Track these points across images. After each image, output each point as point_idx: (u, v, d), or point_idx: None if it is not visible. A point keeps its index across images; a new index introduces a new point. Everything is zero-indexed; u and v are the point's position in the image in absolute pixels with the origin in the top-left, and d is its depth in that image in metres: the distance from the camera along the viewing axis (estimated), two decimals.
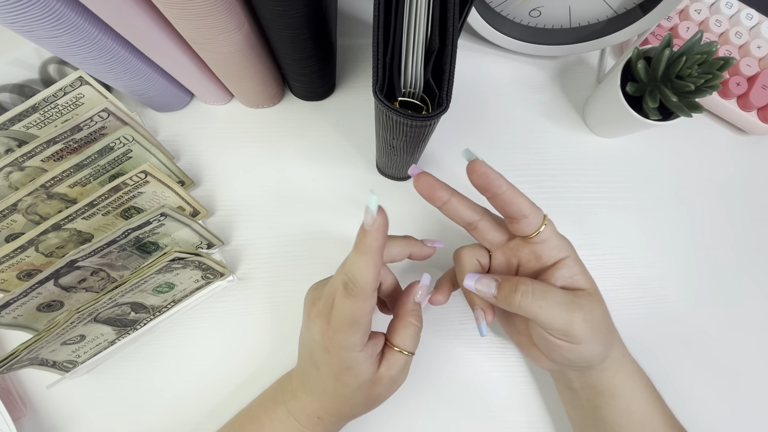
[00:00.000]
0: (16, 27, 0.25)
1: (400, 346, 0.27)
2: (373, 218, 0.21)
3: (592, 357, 0.28)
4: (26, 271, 0.32)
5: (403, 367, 0.28)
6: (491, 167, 0.26)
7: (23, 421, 0.35)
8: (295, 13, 0.27)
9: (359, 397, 0.27)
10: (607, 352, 0.28)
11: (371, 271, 0.22)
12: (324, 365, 0.26)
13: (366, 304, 0.24)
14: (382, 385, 0.27)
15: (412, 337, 0.28)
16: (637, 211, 0.40)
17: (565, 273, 0.28)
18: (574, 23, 0.38)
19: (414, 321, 0.28)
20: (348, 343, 0.25)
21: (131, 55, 0.31)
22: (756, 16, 0.40)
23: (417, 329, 0.28)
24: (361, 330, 0.25)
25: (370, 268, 0.22)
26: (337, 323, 0.25)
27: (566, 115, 0.42)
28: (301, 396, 0.29)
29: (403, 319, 0.28)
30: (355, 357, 0.25)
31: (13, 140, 0.34)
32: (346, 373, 0.26)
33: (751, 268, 0.39)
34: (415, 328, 0.28)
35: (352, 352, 0.25)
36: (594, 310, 0.27)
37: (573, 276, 0.28)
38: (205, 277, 0.35)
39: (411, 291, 0.29)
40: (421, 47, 0.23)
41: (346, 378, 0.26)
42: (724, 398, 0.36)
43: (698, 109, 0.32)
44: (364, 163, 0.40)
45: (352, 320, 0.24)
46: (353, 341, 0.25)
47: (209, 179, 0.39)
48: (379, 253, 0.22)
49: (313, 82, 0.37)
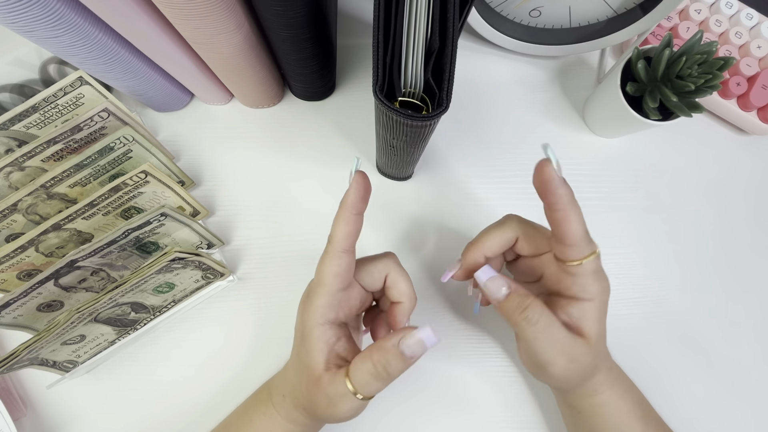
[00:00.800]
0: (16, 27, 0.25)
1: (349, 374, 0.23)
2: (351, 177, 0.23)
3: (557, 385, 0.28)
4: (26, 271, 0.32)
5: (342, 397, 0.23)
6: (560, 176, 0.23)
7: (23, 421, 0.35)
8: (295, 13, 0.27)
9: (303, 386, 0.25)
10: (577, 386, 0.28)
11: (342, 225, 0.24)
12: (296, 336, 0.26)
13: (335, 263, 0.24)
14: (318, 394, 0.24)
15: (365, 375, 0.23)
16: (637, 211, 0.40)
17: (574, 313, 0.25)
18: (574, 23, 0.38)
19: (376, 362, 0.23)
20: (313, 304, 0.25)
21: (131, 55, 0.31)
22: (756, 16, 0.40)
23: (375, 373, 0.23)
24: (326, 294, 0.24)
25: (341, 221, 0.24)
26: (311, 285, 0.25)
27: (566, 115, 0.42)
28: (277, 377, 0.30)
29: (369, 350, 0.23)
30: (312, 327, 0.25)
31: (13, 140, 0.34)
32: (302, 342, 0.25)
33: (751, 268, 0.39)
34: (372, 369, 0.23)
35: (313, 318, 0.25)
36: (582, 359, 0.26)
37: (581, 320, 0.25)
38: (205, 277, 0.35)
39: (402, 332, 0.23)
40: (421, 47, 0.23)
41: (300, 348, 0.25)
42: (724, 398, 0.36)
43: (698, 109, 0.32)
44: (365, 163, 0.40)
45: (319, 279, 0.24)
46: (318, 303, 0.24)
47: (209, 179, 0.39)
48: (352, 209, 0.24)
49: (313, 82, 0.37)
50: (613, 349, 0.37)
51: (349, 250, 0.24)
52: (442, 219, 0.39)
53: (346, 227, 0.24)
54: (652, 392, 0.36)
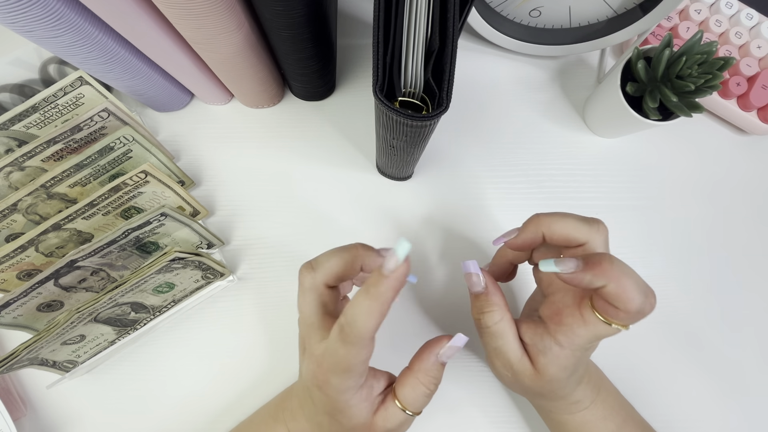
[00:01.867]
0: (16, 27, 0.25)
1: (403, 403, 0.25)
2: (397, 265, 0.19)
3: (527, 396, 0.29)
4: (26, 271, 0.32)
5: (401, 424, 0.25)
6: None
7: (23, 421, 0.35)
8: (295, 13, 0.27)
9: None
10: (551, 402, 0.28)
11: (375, 319, 0.20)
12: (318, 402, 0.25)
13: (362, 353, 0.21)
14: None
15: (420, 398, 0.25)
16: (636, 211, 0.40)
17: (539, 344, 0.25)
18: (574, 23, 0.38)
19: (426, 383, 0.25)
20: (341, 386, 0.23)
21: (131, 55, 0.31)
22: (756, 16, 0.40)
23: (428, 393, 0.25)
24: (355, 376, 0.23)
25: (375, 316, 0.20)
26: (330, 367, 0.23)
27: (566, 115, 0.42)
28: (300, 420, 0.28)
29: (415, 376, 0.25)
30: (348, 400, 0.24)
31: (13, 140, 0.34)
32: (339, 414, 0.25)
33: (752, 268, 0.39)
34: (425, 390, 0.25)
35: (345, 395, 0.24)
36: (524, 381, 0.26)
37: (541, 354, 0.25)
38: (205, 277, 0.35)
39: (436, 344, 0.25)
40: (421, 47, 0.23)
41: (339, 418, 0.25)
42: (724, 398, 0.36)
43: (698, 109, 0.32)
44: (364, 163, 0.40)
45: (345, 367, 0.22)
46: (346, 385, 0.23)
47: (209, 179, 0.39)
48: (388, 304, 0.20)
49: (313, 82, 0.37)
50: (613, 349, 0.37)
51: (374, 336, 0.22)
52: (442, 219, 0.39)
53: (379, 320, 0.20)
54: (653, 392, 0.36)
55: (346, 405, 0.24)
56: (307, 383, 0.25)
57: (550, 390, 0.26)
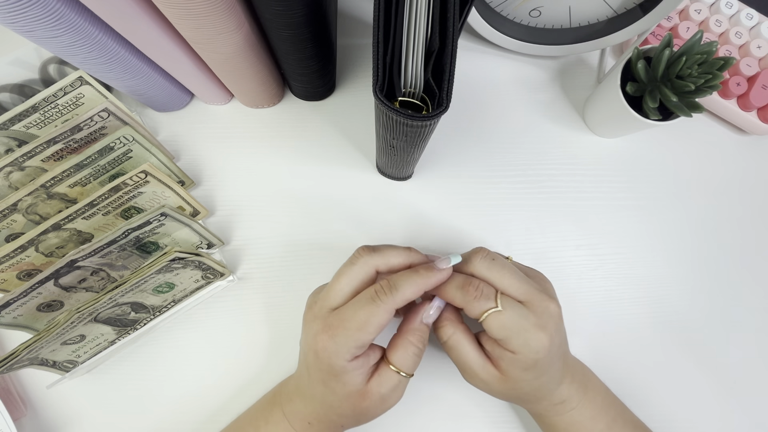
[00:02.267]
0: (16, 27, 0.25)
1: (396, 365, 0.26)
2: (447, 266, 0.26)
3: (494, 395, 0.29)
4: (26, 271, 0.32)
5: (395, 387, 0.27)
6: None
7: (23, 421, 0.35)
8: (295, 13, 0.27)
9: (346, 408, 0.27)
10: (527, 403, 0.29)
11: (414, 291, 0.25)
12: (314, 370, 0.26)
13: (383, 317, 0.24)
14: (370, 400, 0.26)
15: (411, 357, 0.27)
16: (637, 211, 0.40)
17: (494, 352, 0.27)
18: (574, 23, 0.38)
19: (415, 341, 0.27)
20: (345, 345, 0.24)
21: (131, 55, 0.31)
22: (756, 16, 0.40)
23: (418, 351, 0.27)
24: (364, 337, 0.24)
25: (415, 288, 0.25)
26: (344, 323, 0.25)
27: (566, 115, 0.42)
28: (295, 399, 0.29)
29: (404, 337, 0.27)
30: (344, 366, 0.25)
31: (13, 140, 0.34)
32: (334, 380, 0.26)
33: (752, 268, 0.39)
34: (415, 349, 0.27)
35: (341, 360, 0.25)
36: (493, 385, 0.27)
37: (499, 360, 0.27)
38: (205, 277, 0.35)
39: (420, 309, 0.28)
40: (421, 47, 0.23)
41: (334, 385, 0.26)
42: (724, 398, 0.36)
43: (698, 109, 0.32)
44: (364, 163, 0.40)
45: (361, 325, 0.24)
46: (350, 345, 0.24)
47: (209, 179, 0.39)
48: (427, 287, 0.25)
49: (313, 82, 0.37)
50: (613, 349, 0.37)
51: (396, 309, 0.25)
52: (442, 219, 0.39)
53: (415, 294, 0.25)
54: (653, 392, 0.36)
55: (343, 370, 0.25)
56: (306, 351, 0.27)
57: (527, 392, 0.27)
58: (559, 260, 0.39)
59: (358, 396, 0.26)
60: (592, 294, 0.38)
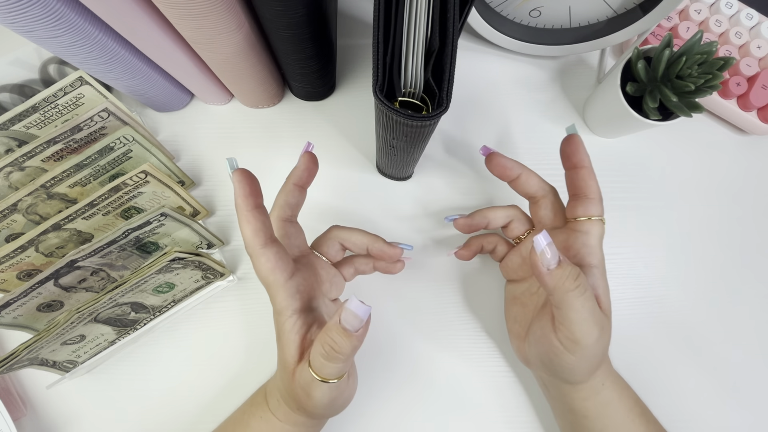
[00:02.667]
0: (16, 27, 0.25)
1: (310, 361, 0.24)
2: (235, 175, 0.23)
3: (574, 372, 0.27)
4: (26, 271, 0.32)
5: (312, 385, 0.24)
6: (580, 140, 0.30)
7: (23, 421, 0.35)
8: (295, 13, 0.27)
9: (286, 383, 0.26)
10: (589, 376, 0.28)
11: (247, 226, 0.23)
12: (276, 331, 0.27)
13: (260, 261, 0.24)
14: (296, 386, 0.25)
15: (317, 358, 0.23)
16: (637, 211, 0.40)
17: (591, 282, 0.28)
18: (574, 23, 0.38)
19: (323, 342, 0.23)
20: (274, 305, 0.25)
21: (131, 55, 0.31)
22: (756, 16, 0.40)
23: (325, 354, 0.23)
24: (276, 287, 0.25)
25: (245, 224, 0.23)
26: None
27: (566, 115, 0.42)
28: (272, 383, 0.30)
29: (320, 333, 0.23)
30: (282, 323, 0.25)
31: (13, 140, 0.34)
32: (278, 342, 0.26)
33: (752, 268, 0.39)
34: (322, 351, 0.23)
35: (279, 315, 0.25)
36: (607, 336, 0.27)
37: (596, 288, 0.28)
38: (205, 277, 0.35)
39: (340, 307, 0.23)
40: (421, 47, 0.23)
41: (280, 349, 0.26)
42: (725, 399, 0.36)
43: (698, 109, 0.32)
44: (364, 163, 0.40)
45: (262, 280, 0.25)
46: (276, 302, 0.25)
47: (209, 179, 0.39)
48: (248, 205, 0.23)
49: (313, 82, 0.37)
50: (614, 349, 0.37)
51: (267, 242, 0.24)
52: (442, 219, 0.39)
53: (249, 227, 0.23)
54: (653, 392, 0.36)
55: (281, 327, 0.25)
56: None
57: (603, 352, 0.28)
58: None
59: (289, 372, 0.25)
60: None
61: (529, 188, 0.31)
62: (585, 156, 0.29)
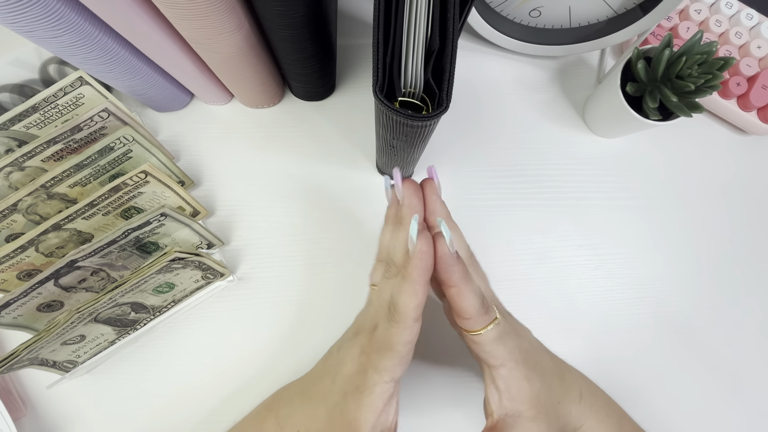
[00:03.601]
0: (16, 27, 0.25)
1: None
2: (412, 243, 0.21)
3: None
4: (26, 271, 0.32)
5: None
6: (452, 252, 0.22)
7: (23, 421, 0.35)
8: (295, 14, 0.27)
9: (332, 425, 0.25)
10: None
11: (412, 299, 0.21)
12: (344, 381, 0.25)
13: (404, 333, 0.22)
14: None
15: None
16: (637, 211, 0.40)
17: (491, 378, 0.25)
18: (574, 23, 0.38)
19: None
20: (380, 364, 0.23)
21: (131, 55, 0.31)
22: (756, 16, 0.40)
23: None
24: (396, 357, 0.23)
25: (411, 295, 0.21)
26: (376, 343, 0.24)
27: (566, 115, 0.42)
28: (296, 401, 0.28)
29: None
30: (376, 384, 0.24)
31: (13, 140, 0.34)
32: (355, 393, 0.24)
33: (752, 268, 0.39)
34: None
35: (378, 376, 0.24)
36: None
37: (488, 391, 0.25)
38: (205, 277, 0.35)
39: None
40: (421, 47, 0.23)
41: (350, 400, 0.24)
42: (725, 398, 0.36)
43: (698, 109, 0.32)
44: (365, 163, 0.40)
45: (388, 344, 0.23)
46: (385, 365, 0.23)
47: (209, 179, 0.39)
48: (422, 280, 0.21)
49: (313, 82, 0.37)
50: (614, 349, 0.37)
51: (420, 317, 0.23)
52: None
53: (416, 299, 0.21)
54: (653, 393, 0.36)
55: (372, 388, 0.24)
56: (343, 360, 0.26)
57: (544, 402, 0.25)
58: (560, 260, 0.39)
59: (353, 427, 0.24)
60: (592, 294, 0.38)
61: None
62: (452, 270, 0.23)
